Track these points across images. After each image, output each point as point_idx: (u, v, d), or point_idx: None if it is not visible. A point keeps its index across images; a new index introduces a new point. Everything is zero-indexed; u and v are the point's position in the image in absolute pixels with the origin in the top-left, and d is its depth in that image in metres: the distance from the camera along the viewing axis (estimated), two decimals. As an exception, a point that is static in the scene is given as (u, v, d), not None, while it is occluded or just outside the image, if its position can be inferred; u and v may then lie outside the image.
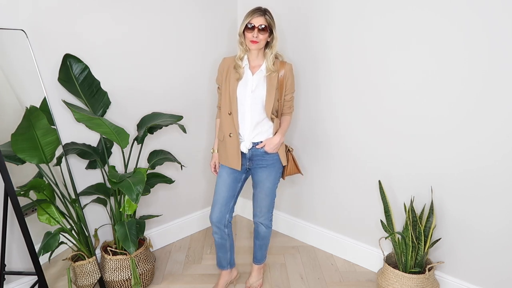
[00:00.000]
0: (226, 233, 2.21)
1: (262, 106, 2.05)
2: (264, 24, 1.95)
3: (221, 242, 2.22)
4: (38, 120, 1.83)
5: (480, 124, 1.90)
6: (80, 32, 2.15)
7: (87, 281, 2.16)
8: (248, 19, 1.96)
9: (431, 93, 2.03)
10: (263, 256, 2.34)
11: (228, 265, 2.30)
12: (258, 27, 1.94)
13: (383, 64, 2.19)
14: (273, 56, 2.03)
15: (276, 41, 2.02)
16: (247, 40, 1.99)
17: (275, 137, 2.09)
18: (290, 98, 2.13)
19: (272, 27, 1.99)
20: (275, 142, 2.08)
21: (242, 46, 2.04)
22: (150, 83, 2.52)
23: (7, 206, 1.84)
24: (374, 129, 2.31)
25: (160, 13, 2.48)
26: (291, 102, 2.15)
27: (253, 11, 1.96)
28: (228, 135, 2.08)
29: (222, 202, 2.16)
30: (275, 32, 2.00)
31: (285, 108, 2.15)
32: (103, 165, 2.25)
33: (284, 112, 2.16)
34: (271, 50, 2.02)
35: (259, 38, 1.95)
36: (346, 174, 2.52)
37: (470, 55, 1.87)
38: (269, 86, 2.04)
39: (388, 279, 2.11)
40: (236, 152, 2.09)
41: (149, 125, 2.25)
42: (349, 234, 2.61)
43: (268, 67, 2.03)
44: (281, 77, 2.05)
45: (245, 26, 1.96)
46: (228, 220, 2.20)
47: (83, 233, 2.14)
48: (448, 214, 2.10)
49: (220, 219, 2.16)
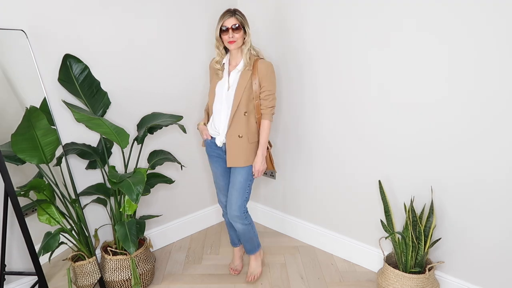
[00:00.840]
0: None
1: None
2: (236, 23, 2.05)
3: (230, 222, 2.38)
4: (38, 120, 1.83)
5: (481, 124, 1.90)
6: (80, 32, 2.15)
7: (87, 281, 2.16)
8: (221, 22, 2.07)
9: (431, 93, 2.03)
10: (252, 247, 2.42)
11: (239, 242, 2.52)
12: (232, 27, 2.05)
13: (383, 64, 2.18)
14: (249, 52, 2.12)
15: (249, 37, 2.11)
16: (225, 42, 2.10)
17: (256, 158, 2.19)
18: (265, 96, 2.13)
19: (244, 24, 2.09)
20: (257, 163, 2.18)
21: (218, 49, 2.17)
22: (150, 83, 2.52)
23: (7, 206, 1.84)
24: (374, 129, 2.31)
25: (160, 13, 2.48)
26: (267, 102, 2.14)
27: (223, 14, 2.08)
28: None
29: (222, 189, 2.37)
30: (247, 28, 2.09)
31: (263, 108, 2.16)
32: (103, 165, 2.25)
33: (263, 112, 2.17)
34: (246, 46, 2.11)
35: (235, 37, 2.06)
36: (346, 174, 2.52)
37: (470, 55, 1.87)
38: (240, 81, 2.12)
39: (388, 279, 2.11)
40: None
41: (149, 125, 2.25)
42: (349, 234, 2.61)
43: (245, 63, 2.13)
44: (254, 74, 2.10)
45: (220, 30, 2.08)
46: None
47: (83, 233, 2.14)
48: (448, 214, 2.10)
49: (225, 202, 2.36)
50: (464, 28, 1.86)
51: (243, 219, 2.27)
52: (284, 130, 2.80)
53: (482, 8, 1.79)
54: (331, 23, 2.35)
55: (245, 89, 2.11)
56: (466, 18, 1.84)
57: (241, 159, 2.18)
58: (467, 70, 1.89)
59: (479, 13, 1.80)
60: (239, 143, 2.16)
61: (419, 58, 2.04)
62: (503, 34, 1.75)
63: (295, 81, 2.62)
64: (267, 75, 2.12)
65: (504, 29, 1.75)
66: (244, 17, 2.10)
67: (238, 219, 2.26)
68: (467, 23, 1.84)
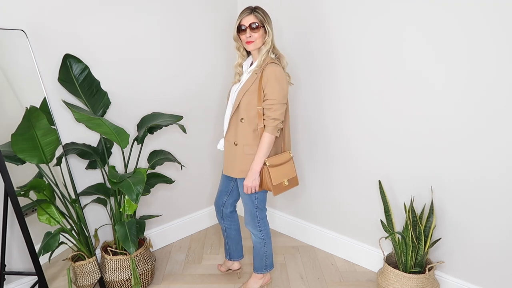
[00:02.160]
0: (223, 224, 2.31)
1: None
2: (255, 21, 1.87)
3: (224, 227, 2.32)
4: (38, 120, 1.83)
5: (481, 124, 1.90)
6: (80, 32, 2.15)
7: (87, 281, 2.16)
8: (239, 20, 1.91)
9: (432, 93, 2.03)
10: (259, 266, 2.25)
11: (227, 255, 2.41)
12: (250, 26, 1.87)
13: (383, 63, 2.18)
14: (267, 53, 1.92)
15: (269, 37, 1.91)
16: (243, 42, 1.94)
17: (248, 172, 1.94)
18: (268, 106, 1.88)
19: (265, 23, 1.89)
20: (247, 178, 1.94)
21: (239, 51, 2.01)
22: (150, 83, 2.52)
23: (7, 206, 1.84)
24: (374, 129, 2.31)
25: (160, 13, 2.48)
26: (270, 112, 1.88)
27: (242, 12, 1.91)
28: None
29: (218, 194, 2.29)
30: (268, 27, 1.90)
31: (265, 119, 1.91)
32: (103, 165, 2.25)
33: (264, 123, 1.91)
34: (266, 46, 1.92)
35: (254, 37, 1.88)
36: (346, 174, 2.52)
37: (470, 55, 1.87)
38: (246, 83, 1.95)
39: (388, 279, 2.11)
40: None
41: (149, 125, 2.25)
42: (349, 234, 2.61)
43: (258, 64, 1.93)
44: (261, 78, 1.90)
45: (238, 29, 1.91)
46: (223, 212, 2.28)
47: (83, 233, 2.14)
48: (448, 214, 2.10)
49: (217, 208, 2.30)
50: (464, 27, 1.86)
51: (255, 228, 2.13)
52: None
53: (482, 8, 1.79)
54: (355, 22, 2.30)
55: (247, 93, 1.92)
56: (463, 16, 1.84)
57: (236, 168, 2.02)
58: (467, 70, 1.89)
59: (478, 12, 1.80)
60: (234, 151, 2.01)
61: (419, 58, 2.04)
62: (502, 29, 1.76)
63: (295, 80, 2.63)
64: (270, 80, 1.86)
65: (504, 24, 1.75)
66: (265, 15, 1.90)
67: (250, 227, 2.15)
68: (468, 22, 1.84)
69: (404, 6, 2.03)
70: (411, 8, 2.01)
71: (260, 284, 2.31)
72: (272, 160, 1.97)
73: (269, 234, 2.20)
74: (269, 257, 2.24)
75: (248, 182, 1.96)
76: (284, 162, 2.02)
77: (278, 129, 1.93)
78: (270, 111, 1.89)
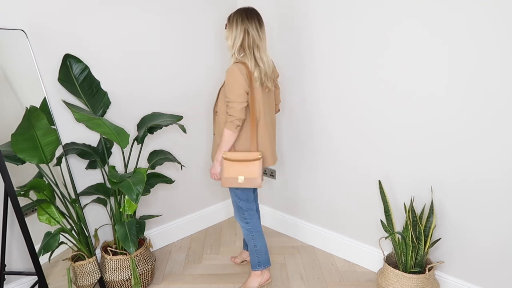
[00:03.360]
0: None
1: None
2: (225, 27, 2.07)
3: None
4: (38, 120, 1.83)
5: (481, 124, 1.90)
6: (80, 32, 2.15)
7: (87, 281, 2.16)
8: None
9: (431, 93, 2.03)
10: (253, 262, 2.28)
11: (245, 246, 2.59)
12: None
13: (382, 63, 2.18)
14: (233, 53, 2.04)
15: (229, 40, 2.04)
16: None
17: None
18: (226, 103, 2.00)
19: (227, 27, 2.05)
20: (211, 167, 2.16)
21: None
22: (150, 83, 2.52)
23: (7, 206, 1.84)
24: (374, 129, 2.31)
25: (159, 13, 2.48)
26: (227, 109, 2.00)
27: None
28: None
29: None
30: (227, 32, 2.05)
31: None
32: (103, 165, 2.25)
33: (226, 119, 2.03)
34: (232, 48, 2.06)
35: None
36: (346, 174, 2.52)
37: (472, 54, 1.87)
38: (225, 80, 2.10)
39: (388, 279, 2.11)
40: None
41: (149, 125, 2.25)
42: (349, 234, 2.61)
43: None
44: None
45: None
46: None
47: (83, 233, 2.14)
48: (448, 214, 2.10)
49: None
50: (464, 26, 1.86)
51: (241, 219, 2.25)
52: (285, 129, 2.80)
53: (483, 7, 1.79)
54: (334, 21, 2.35)
55: (222, 89, 2.09)
56: (466, 14, 1.84)
57: (213, 156, 2.21)
58: (466, 70, 1.89)
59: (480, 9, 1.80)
60: (213, 141, 2.21)
61: (419, 58, 2.04)
62: (503, 31, 1.76)
63: (295, 80, 2.63)
64: (226, 80, 1.99)
65: (505, 25, 1.75)
66: (231, 19, 2.04)
67: (237, 219, 2.27)
68: (467, 21, 1.84)
69: (405, 3, 2.03)
70: (410, 4, 2.01)
71: (258, 282, 2.32)
72: (231, 154, 2.06)
73: (257, 228, 2.25)
74: (261, 252, 2.27)
75: (211, 168, 2.16)
76: (245, 160, 2.06)
77: (236, 126, 1.99)
78: (228, 108, 2.00)
